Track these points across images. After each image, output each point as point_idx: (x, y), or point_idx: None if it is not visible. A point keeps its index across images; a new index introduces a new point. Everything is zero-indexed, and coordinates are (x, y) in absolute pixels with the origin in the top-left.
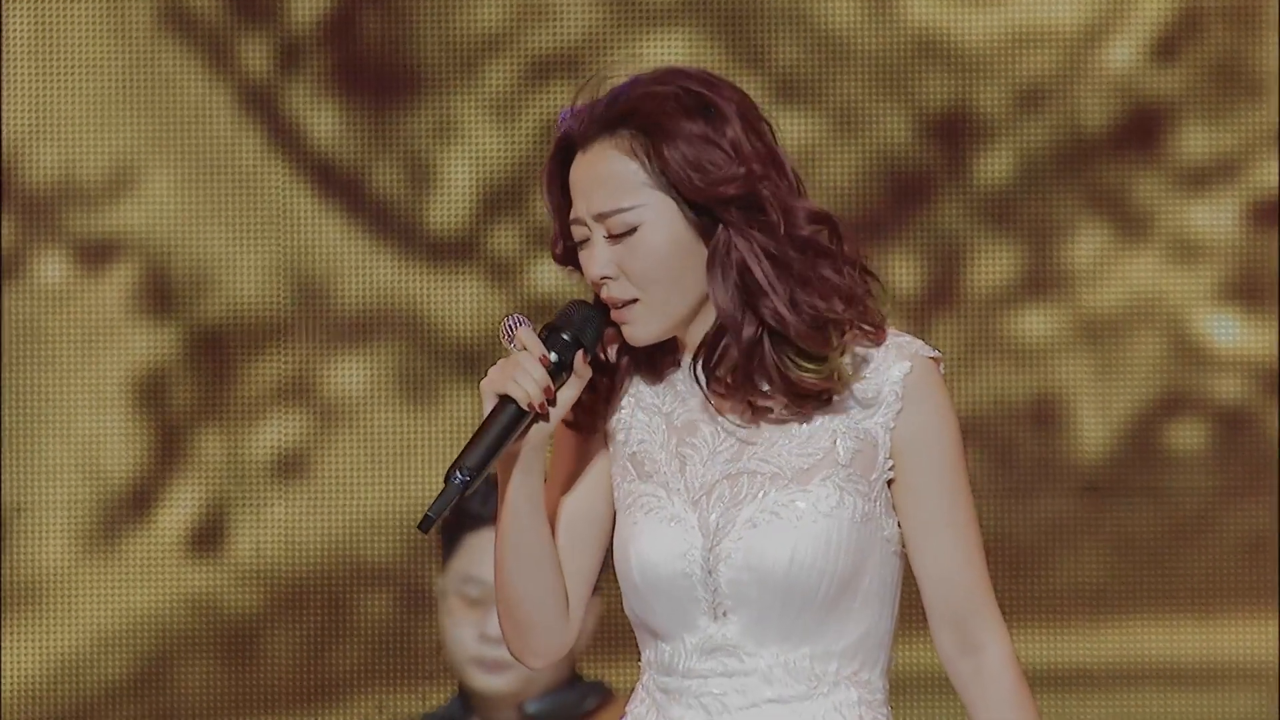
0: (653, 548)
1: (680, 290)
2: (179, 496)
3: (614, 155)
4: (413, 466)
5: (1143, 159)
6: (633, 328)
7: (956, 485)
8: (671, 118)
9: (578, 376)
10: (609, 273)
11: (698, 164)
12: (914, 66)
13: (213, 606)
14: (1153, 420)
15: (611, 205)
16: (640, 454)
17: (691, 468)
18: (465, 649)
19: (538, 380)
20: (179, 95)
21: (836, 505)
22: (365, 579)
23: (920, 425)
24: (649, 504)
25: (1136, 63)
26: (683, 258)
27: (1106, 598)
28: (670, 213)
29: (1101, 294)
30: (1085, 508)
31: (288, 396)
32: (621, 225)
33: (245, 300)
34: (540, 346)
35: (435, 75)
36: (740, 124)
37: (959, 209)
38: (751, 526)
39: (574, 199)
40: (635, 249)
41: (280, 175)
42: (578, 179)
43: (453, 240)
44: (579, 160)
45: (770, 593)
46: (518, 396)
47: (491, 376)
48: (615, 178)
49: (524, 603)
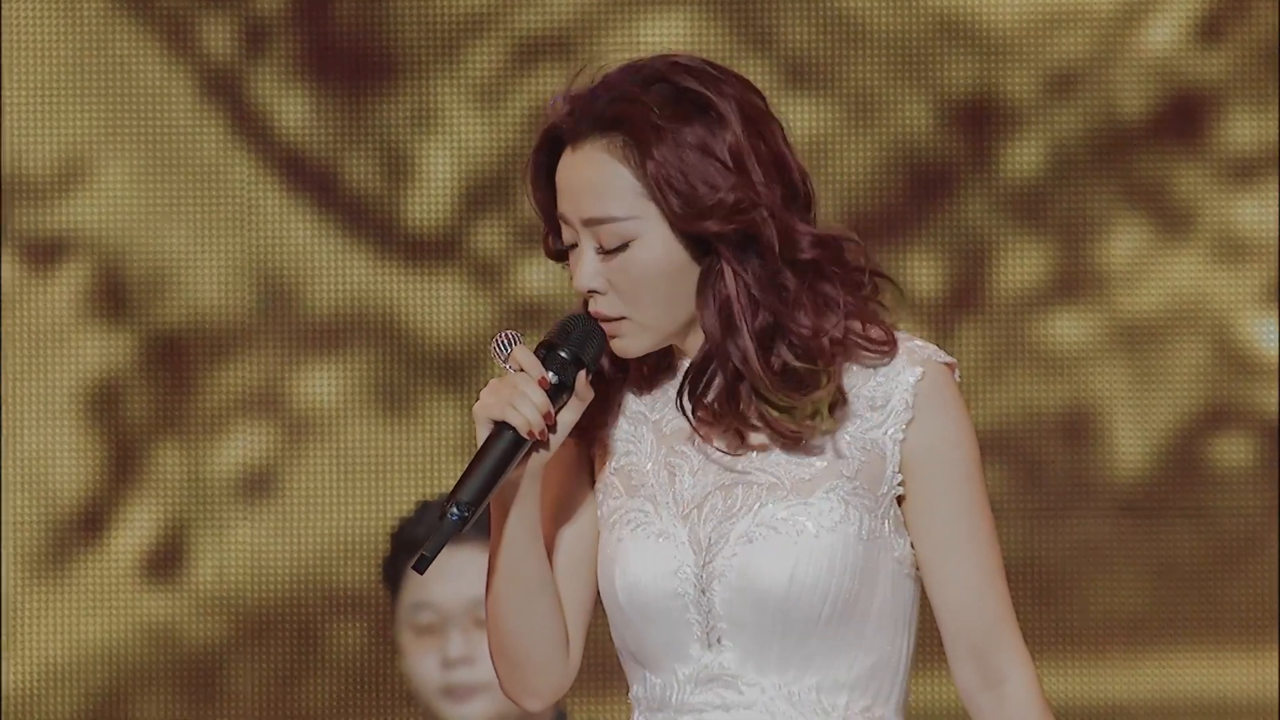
0: (639, 566)
1: (671, 310)
2: (134, 517)
3: (605, 160)
4: (389, 484)
5: (1185, 149)
6: (623, 341)
7: (974, 502)
8: (661, 131)
9: (579, 398)
10: (597, 286)
11: (687, 189)
12: (935, 48)
13: (172, 637)
14: (1195, 434)
15: (602, 212)
16: (627, 467)
17: (681, 479)
18: (430, 680)
19: (538, 405)
20: (134, 80)
21: (840, 520)
22: (337, 607)
23: (933, 437)
24: (635, 519)
25: (1178, 44)
26: (675, 278)
27: (1145, 627)
28: (663, 229)
29: (1139, 296)
30: (1121, 529)
31: (253, 408)
32: (614, 238)
33: (207, 303)
34: (539, 367)
35: (414, 58)
36: (742, 127)
37: (984, 204)
38: (747, 542)
39: (560, 200)
40: (627, 266)
41: (245, 167)
42: (566, 178)
43: (433, 238)
44: (568, 157)
45: (768, 615)
46: (517, 424)
47: (485, 401)
48: (606, 184)
49: (521, 639)
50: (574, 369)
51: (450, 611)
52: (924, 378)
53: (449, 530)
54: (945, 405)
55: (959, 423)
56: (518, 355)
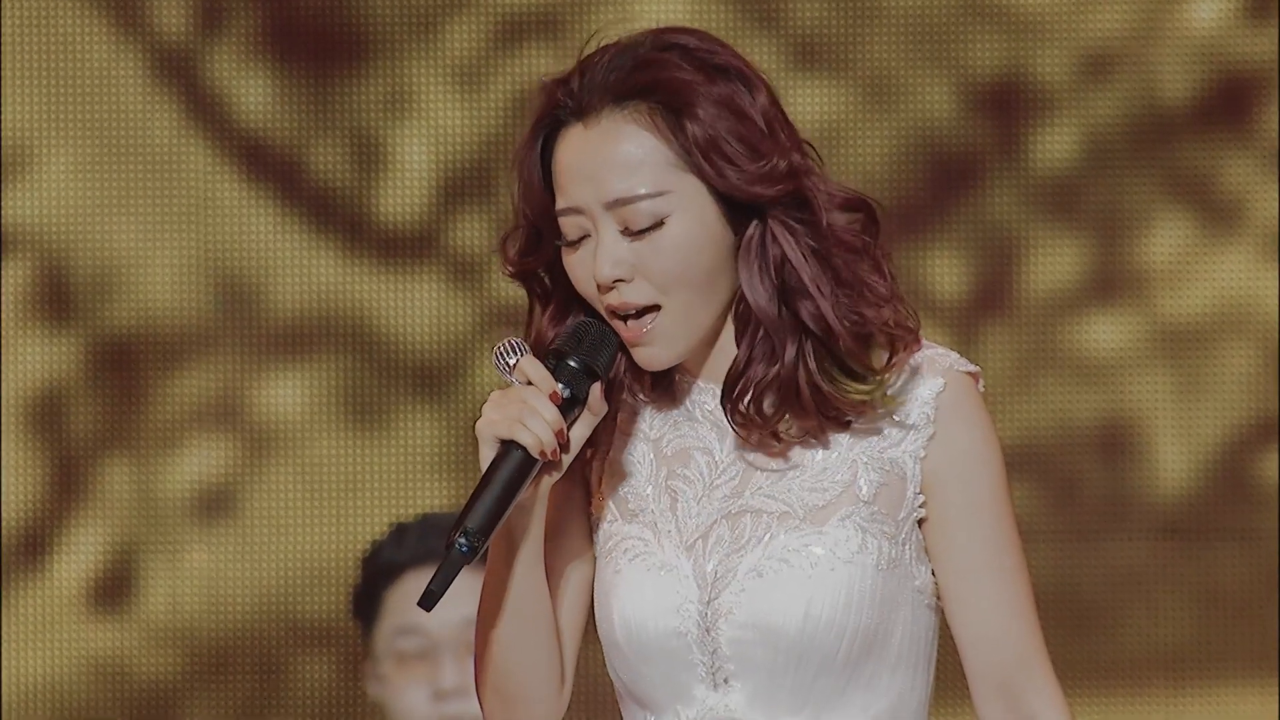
0: (639, 601)
1: (710, 295)
2: (79, 540)
3: (631, 130)
4: (359, 504)
5: (1232, 136)
6: (652, 349)
7: (1000, 525)
8: (692, 88)
9: (592, 412)
10: (622, 274)
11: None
12: (959, 26)
13: (120, 673)
14: (1244, 448)
15: (633, 190)
16: (624, 490)
17: (684, 505)
18: (419, 715)
19: (550, 422)
20: (79, 61)
21: (858, 550)
22: (303, 639)
23: (956, 453)
24: (634, 548)
25: (1225, 21)
26: (715, 254)
27: (1189, 662)
28: (701, 200)
29: (1183, 298)
30: (1163, 554)
31: (210, 420)
32: (646, 217)
33: (159, 305)
34: (549, 379)
35: (386, 36)
36: (766, 92)
37: (1012, 197)
38: (757, 576)
39: (567, 186)
40: (661, 246)
41: (201, 156)
42: (576, 160)
43: (407, 234)
44: (576, 136)
45: (781, 655)
46: (527, 443)
47: (490, 418)
48: (636, 157)
49: (519, 673)
50: (586, 380)
51: (441, 637)
52: (945, 389)
53: (457, 563)
54: (969, 419)
55: (984, 438)
56: (525, 367)
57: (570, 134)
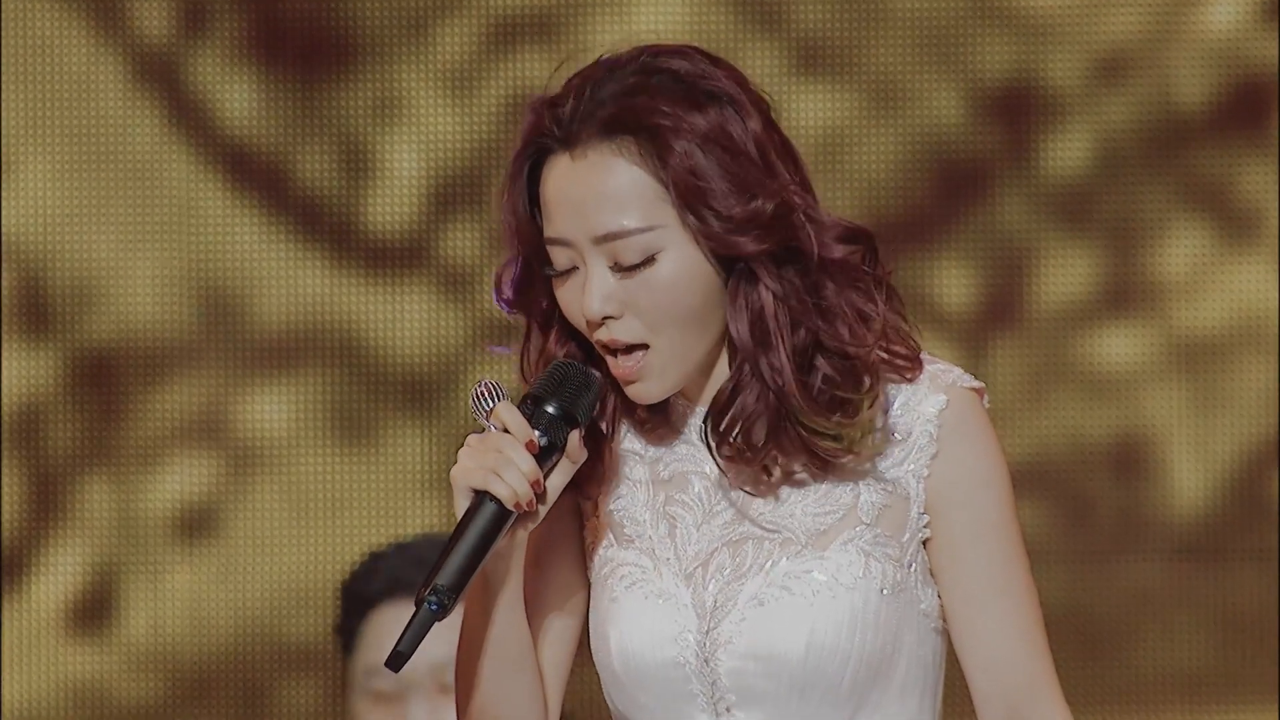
0: (636, 631)
1: (701, 330)
2: (58, 561)
3: (620, 164)
4: (347, 523)
5: (1250, 143)
6: (644, 385)
7: (1007, 545)
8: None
9: (570, 460)
10: (611, 311)
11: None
12: (968, 29)
13: (100, 698)
14: (1263, 466)
15: (623, 225)
16: (619, 513)
17: (683, 531)
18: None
19: (526, 473)
20: (57, 65)
21: (861, 575)
22: (287, 663)
23: (960, 472)
24: (631, 576)
25: (1243, 24)
26: (706, 290)
27: (1206, 683)
28: (689, 235)
29: (1199, 310)
30: (1179, 575)
31: (192, 437)
32: (636, 253)
33: (140, 318)
34: (526, 427)
35: (375, 40)
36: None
37: (1023, 205)
38: (758, 605)
39: (555, 217)
40: (651, 283)
41: (183, 164)
42: (564, 192)
43: (397, 244)
44: (564, 167)
45: (784, 685)
46: (502, 495)
47: (465, 466)
48: (624, 192)
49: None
50: (565, 427)
51: (411, 678)
52: (949, 406)
53: (427, 621)
54: (973, 437)
55: (989, 457)
56: (501, 413)
57: (557, 164)
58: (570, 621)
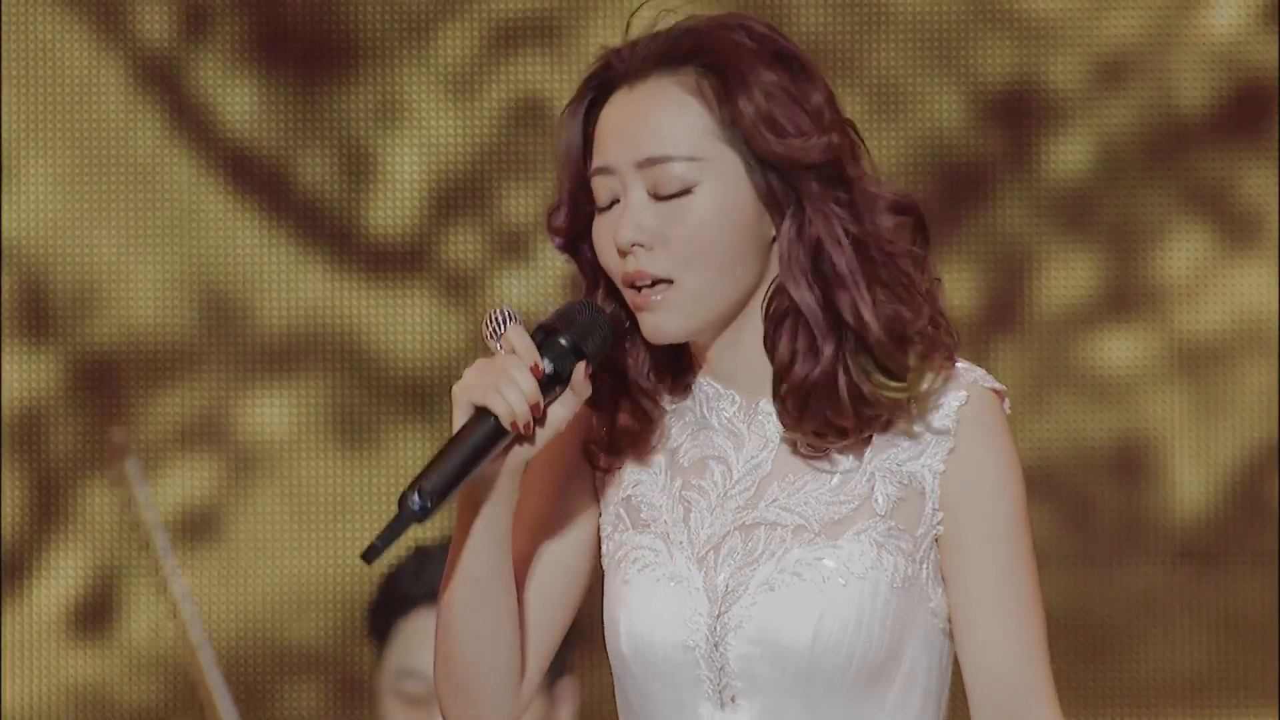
0: (647, 613)
1: (728, 278)
2: (59, 564)
3: (675, 92)
4: (348, 526)
5: (1251, 146)
6: (658, 316)
7: (1015, 551)
8: (749, 62)
9: (574, 393)
10: (642, 239)
11: (775, 120)
12: (969, 32)
13: (101, 701)
14: (1264, 469)
15: (665, 150)
16: (636, 498)
17: (697, 515)
18: None
19: (526, 394)
20: (59, 68)
21: (873, 565)
22: (289, 666)
23: (973, 470)
24: (643, 559)
25: (1245, 27)
26: (742, 235)
27: (1208, 687)
28: (736, 176)
29: (1201, 313)
30: (1180, 578)
31: (194, 440)
32: (674, 181)
33: (141, 321)
34: (533, 351)
35: (377, 43)
36: (824, 90)
37: (1024, 209)
38: (768, 590)
39: (603, 146)
40: (685, 213)
41: (184, 167)
42: (615, 120)
43: (398, 247)
44: (621, 98)
45: (788, 673)
46: (499, 411)
47: (468, 382)
48: (673, 119)
49: (469, 661)
50: (572, 360)
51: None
52: (968, 402)
53: (406, 521)
54: (990, 436)
55: (1004, 458)
56: (510, 335)
57: (615, 97)
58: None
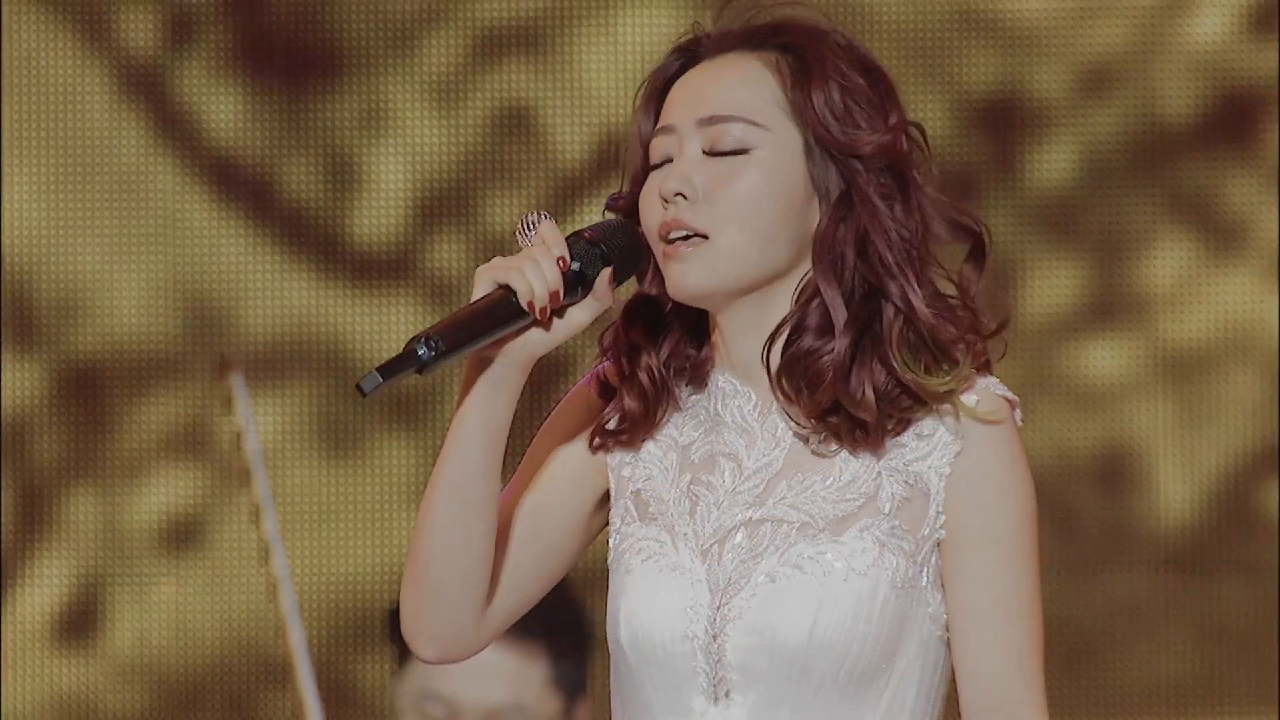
0: (647, 602)
1: (763, 247)
2: (43, 573)
3: (752, 64)
4: (333, 536)
5: (1236, 155)
6: (686, 266)
7: (1016, 558)
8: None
9: (596, 299)
10: (686, 190)
11: (843, 111)
12: (954, 41)
13: (86, 710)
14: (1248, 478)
15: (729, 109)
16: (645, 492)
17: (704, 508)
18: None
19: (548, 279)
20: (43, 76)
21: (874, 563)
22: (275, 675)
23: (980, 474)
24: (647, 550)
25: (1228, 36)
26: (785, 211)
27: (1191, 695)
28: (793, 153)
29: (1185, 322)
30: (1165, 586)
31: (178, 449)
32: (731, 140)
33: (125, 329)
34: (562, 245)
35: (361, 51)
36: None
37: (1009, 217)
38: (770, 582)
39: (668, 109)
40: (735, 173)
41: (169, 175)
42: (689, 84)
43: (383, 255)
44: (698, 69)
45: (784, 666)
46: (519, 289)
47: (494, 263)
48: (743, 84)
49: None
50: (599, 265)
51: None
52: (978, 405)
53: (411, 363)
54: (997, 443)
55: (1010, 467)
56: (543, 230)
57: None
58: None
